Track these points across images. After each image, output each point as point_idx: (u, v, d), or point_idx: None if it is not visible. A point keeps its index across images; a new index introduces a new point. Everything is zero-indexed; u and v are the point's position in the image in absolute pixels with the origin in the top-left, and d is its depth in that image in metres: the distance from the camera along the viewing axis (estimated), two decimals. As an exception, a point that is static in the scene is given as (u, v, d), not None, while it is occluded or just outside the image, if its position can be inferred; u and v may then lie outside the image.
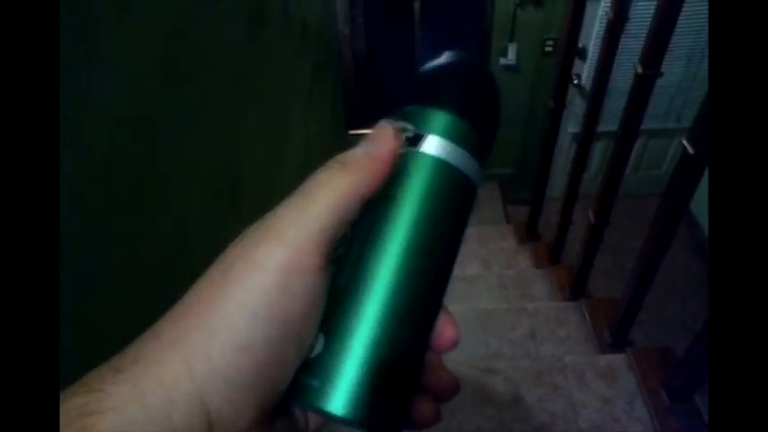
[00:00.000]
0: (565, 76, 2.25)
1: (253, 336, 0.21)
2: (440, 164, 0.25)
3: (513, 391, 1.68)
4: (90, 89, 0.59)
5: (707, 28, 2.70)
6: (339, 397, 0.22)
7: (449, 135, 0.26)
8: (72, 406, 0.18)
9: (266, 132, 1.48)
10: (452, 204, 0.26)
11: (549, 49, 3.04)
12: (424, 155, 0.25)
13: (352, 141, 0.23)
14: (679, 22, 1.38)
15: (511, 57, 3.07)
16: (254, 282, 0.21)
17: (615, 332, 1.79)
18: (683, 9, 1.36)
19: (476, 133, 0.27)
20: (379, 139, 0.25)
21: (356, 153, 0.25)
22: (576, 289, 2.12)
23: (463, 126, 0.26)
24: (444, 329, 0.26)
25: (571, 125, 3.13)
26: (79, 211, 0.58)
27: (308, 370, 0.23)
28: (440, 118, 0.26)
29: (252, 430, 0.21)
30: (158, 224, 0.78)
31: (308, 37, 2.13)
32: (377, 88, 3.36)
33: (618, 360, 1.72)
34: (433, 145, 0.25)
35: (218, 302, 0.21)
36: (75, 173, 0.55)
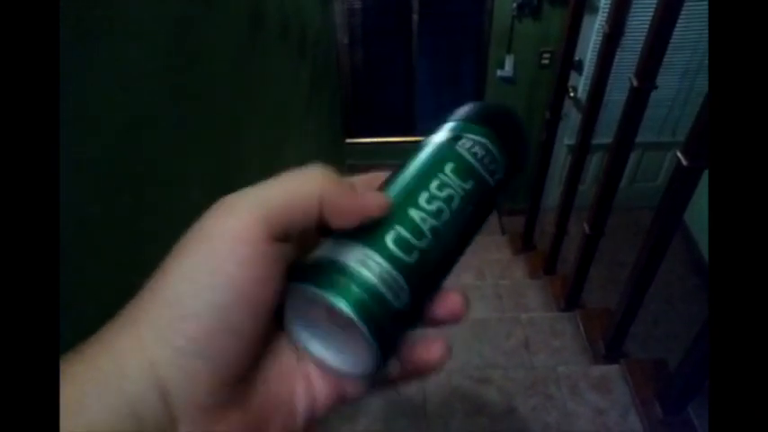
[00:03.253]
0: (561, 89, 2.27)
1: (196, 303, 0.21)
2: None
3: (506, 401, 1.68)
4: (90, 90, 0.59)
5: (702, 43, 2.74)
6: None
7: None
8: None
9: (264, 137, 1.48)
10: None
11: (545, 61, 3.07)
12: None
13: (349, 149, 0.23)
14: (674, 36, 1.40)
15: (508, 68, 3.10)
16: (201, 250, 0.22)
17: (609, 343, 1.79)
18: (679, 24, 1.38)
19: (509, 159, 0.31)
20: (372, 191, 0.26)
21: (342, 178, 0.25)
22: (570, 299, 2.12)
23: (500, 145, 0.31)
24: None
25: (567, 137, 3.15)
26: (78, 210, 0.58)
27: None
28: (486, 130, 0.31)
29: (217, 405, 0.21)
30: (156, 228, 0.78)
31: (307, 46, 2.14)
32: (374, 98, 3.38)
33: (612, 371, 1.72)
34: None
35: (167, 275, 0.21)
36: (74, 173, 0.55)
